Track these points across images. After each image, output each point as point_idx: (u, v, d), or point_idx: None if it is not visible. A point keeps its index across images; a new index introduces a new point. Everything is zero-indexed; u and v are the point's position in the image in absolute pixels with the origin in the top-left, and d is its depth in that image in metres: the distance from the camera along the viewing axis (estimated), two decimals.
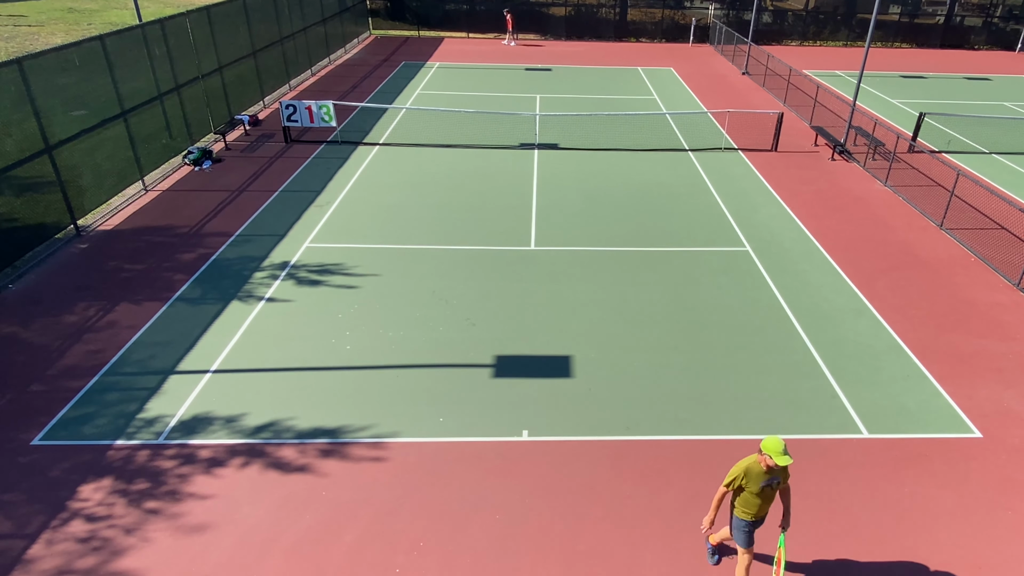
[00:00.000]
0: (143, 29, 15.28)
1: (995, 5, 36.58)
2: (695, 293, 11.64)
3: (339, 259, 12.52)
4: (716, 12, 36.82)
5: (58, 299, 11.01)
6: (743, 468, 5.92)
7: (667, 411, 8.87)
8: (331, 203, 14.90)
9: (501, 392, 9.16)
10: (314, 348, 9.96)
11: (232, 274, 11.91)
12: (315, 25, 26.63)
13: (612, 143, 19.29)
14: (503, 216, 14.41)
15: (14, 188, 11.62)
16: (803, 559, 6.89)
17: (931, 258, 13.07)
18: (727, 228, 14.14)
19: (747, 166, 17.78)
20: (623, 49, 34.39)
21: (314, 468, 7.86)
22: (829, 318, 11.00)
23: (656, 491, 7.66)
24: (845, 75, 29.33)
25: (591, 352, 10.01)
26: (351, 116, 21.21)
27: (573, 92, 25.30)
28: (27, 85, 11.77)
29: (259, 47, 21.43)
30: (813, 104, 22.77)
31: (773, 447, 5.66)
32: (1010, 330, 10.82)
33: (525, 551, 6.91)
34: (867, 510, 7.48)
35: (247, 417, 8.60)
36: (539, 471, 7.90)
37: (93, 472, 7.71)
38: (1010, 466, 8.13)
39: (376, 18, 36.50)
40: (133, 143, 14.97)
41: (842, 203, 15.55)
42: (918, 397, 9.25)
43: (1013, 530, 7.28)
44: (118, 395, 8.91)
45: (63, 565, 6.63)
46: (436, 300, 11.25)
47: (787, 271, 12.45)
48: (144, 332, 10.22)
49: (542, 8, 36.46)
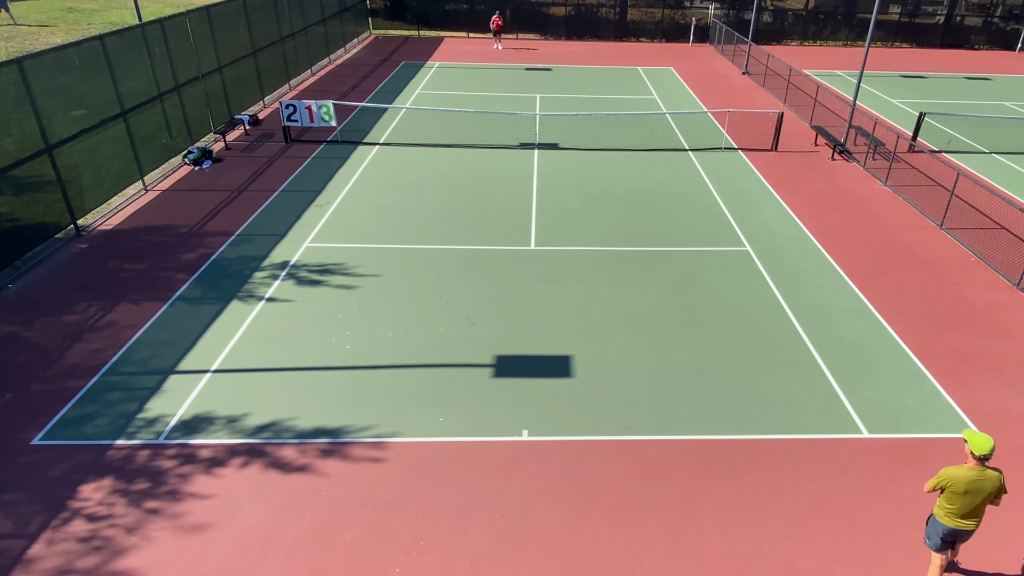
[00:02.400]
0: (143, 29, 15.28)
1: (995, 5, 36.59)
2: (695, 293, 11.64)
3: (339, 259, 12.52)
4: (716, 12, 36.82)
5: (58, 299, 11.01)
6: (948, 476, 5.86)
7: (667, 411, 8.88)
8: (331, 203, 14.91)
9: (501, 392, 9.16)
10: (314, 348, 9.97)
11: (232, 274, 11.91)
12: (315, 25, 26.63)
13: (612, 143, 19.29)
14: (503, 216, 14.41)
15: (14, 188, 11.61)
16: (803, 559, 6.89)
17: (931, 258, 13.07)
18: (727, 228, 14.14)
19: (747, 166, 17.78)
20: (623, 49, 34.39)
21: (314, 468, 7.86)
22: (829, 318, 11.00)
23: (656, 491, 7.67)
24: (845, 75, 29.33)
25: (591, 352, 10.01)
26: (351, 116, 21.21)
27: (573, 92, 25.30)
28: (27, 85, 11.77)
29: (259, 47, 21.43)
30: (813, 104, 22.77)
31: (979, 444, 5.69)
32: (1010, 330, 10.82)
33: (525, 551, 6.91)
34: (867, 510, 7.48)
35: (247, 417, 8.61)
36: (539, 471, 7.90)
37: (93, 472, 7.71)
38: (1010, 466, 8.13)
39: (376, 18, 36.50)
40: (133, 143, 14.96)
41: (842, 203, 15.55)
42: (918, 397, 9.26)
43: (1013, 530, 7.28)
44: (118, 395, 8.91)
45: (63, 565, 6.63)
46: (436, 300, 11.25)
47: (787, 271, 12.45)
48: (144, 332, 10.22)
49: (542, 8, 36.46)
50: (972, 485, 5.77)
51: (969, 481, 5.76)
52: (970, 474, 5.77)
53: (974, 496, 5.82)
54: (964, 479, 5.77)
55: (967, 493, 5.81)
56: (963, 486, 5.78)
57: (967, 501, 5.85)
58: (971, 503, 5.86)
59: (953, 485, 5.82)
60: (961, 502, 5.87)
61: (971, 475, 5.76)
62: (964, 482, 5.77)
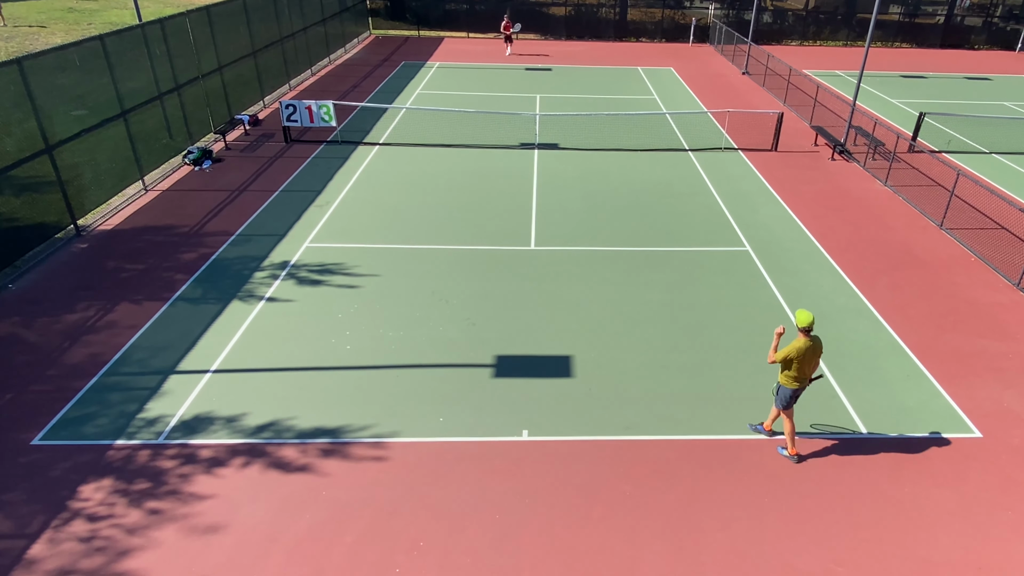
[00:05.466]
0: (143, 29, 15.28)
1: (995, 5, 36.59)
2: (695, 293, 11.64)
3: (339, 259, 12.52)
4: (716, 12, 36.83)
5: (58, 299, 11.01)
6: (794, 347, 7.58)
7: (667, 411, 8.88)
8: (331, 203, 14.91)
9: (501, 392, 9.16)
10: (314, 348, 9.97)
11: (232, 274, 11.91)
12: (315, 25, 26.63)
13: (612, 143, 19.30)
14: (503, 216, 14.41)
15: (14, 188, 11.62)
16: (803, 559, 6.89)
17: (931, 258, 13.07)
18: (727, 228, 14.14)
19: (747, 166, 17.78)
20: (623, 49, 34.39)
21: (314, 468, 7.86)
22: (829, 318, 11.01)
23: (656, 491, 7.67)
24: (845, 75, 29.33)
25: (591, 352, 10.01)
26: (351, 116, 21.21)
27: (573, 92, 25.30)
28: (27, 85, 11.78)
29: (259, 47, 21.43)
30: (813, 104, 22.77)
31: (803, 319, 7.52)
32: (1010, 330, 10.82)
33: (525, 551, 6.91)
34: (867, 510, 7.48)
35: (247, 417, 8.61)
36: (539, 471, 7.91)
37: (93, 472, 7.72)
38: (1010, 466, 8.13)
39: (376, 18, 36.51)
40: (133, 143, 14.97)
41: (842, 203, 15.55)
42: (918, 397, 9.26)
43: (1013, 530, 7.28)
44: (118, 395, 8.91)
45: (64, 565, 6.63)
46: (436, 300, 11.25)
47: (787, 271, 12.45)
48: (144, 332, 10.22)
49: (542, 8, 36.46)
50: (809, 351, 7.59)
51: (807, 348, 7.56)
52: (806, 343, 7.56)
53: (810, 359, 7.64)
54: (804, 347, 7.55)
55: (805, 358, 7.59)
56: (803, 353, 7.56)
57: (805, 364, 7.64)
58: (808, 365, 7.68)
59: (798, 354, 7.55)
60: (800, 367, 7.65)
61: (807, 343, 7.56)
62: (804, 350, 7.55)
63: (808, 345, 7.55)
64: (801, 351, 7.54)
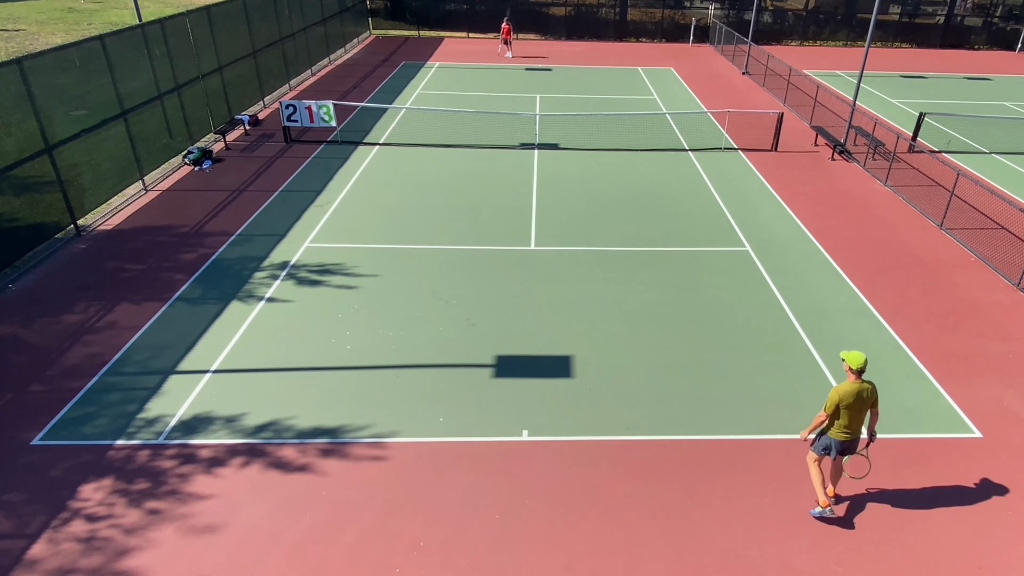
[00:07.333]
0: (143, 29, 15.28)
1: (995, 5, 36.59)
2: (695, 293, 11.64)
3: (339, 259, 12.52)
4: (716, 12, 36.83)
5: (58, 299, 11.01)
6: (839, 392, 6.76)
7: (667, 411, 8.87)
8: (331, 203, 14.91)
9: (501, 392, 9.16)
10: (314, 348, 9.97)
11: (232, 274, 11.91)
12: (315, 25, 26.63)
13: (612, 143, 19.30)
14: (503, 216, 14.41)
15: (14, 188, 11.62)
16: (803, 559, 6.89)
17: (931, 258, 13.07)
18: (727, 228, 14.14)
19: (747, 166, 17.78)
20: (623, 49, 34.39)
21: (314, 468, 7.86)
22: (829, 318, 11.00)
23: (656, 491, 7.67)
24: (845, 75, 29.33)
25: (591, 352, 10.01)
26: (351, 116, 21.21)
27: (573, 92, 25.30)
28: (27, 85, 11.78)
29: (259, 47, 21.43)
30: (813, 104, 22.77)
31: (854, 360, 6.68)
32: (1010, 330, 10.82)
33: (525, 551, 6.91)
34: (867, 510, 7.48)
35: (247, 417, 8.61)
36: (539, 471, 7.90)
37: (93, 472, 7.71)
38: (1010, 466, 8.13)
39: (376, 18, 36.51)
40: (133, 143, 14.97)
41: (842, 203, 15.55)
42: (918, 397, 9.26)
43: (1013, 530, 7.28)
44: (118, 395, 8.91)
45: (64, 565, 6.63)
46: (436, 300, 11.25)
47: (787, 271, 12.45)
48: (144, 332, 10.22)
49: (542, 8, 36.46)
50: (858, 396, 6.76)
51: (856, 393, 6.74)
52: (854, 387, 6.75)
53: (861, 406, 6.80)
54: (852, 391, 6.73)
55: (854, 404, 6.76)
56: (852, 398, 6.73)
57: (855, 412, 6.81)
58: (858, 413, 6.84)
59: (846, 400, 6.74)
60: (850, 415, 6.82)
61: (856, 387, 6.75)
62: (853, 394, 6.73)
63: (859, 388, 6.75)
64: (851, 395, 6.74)
